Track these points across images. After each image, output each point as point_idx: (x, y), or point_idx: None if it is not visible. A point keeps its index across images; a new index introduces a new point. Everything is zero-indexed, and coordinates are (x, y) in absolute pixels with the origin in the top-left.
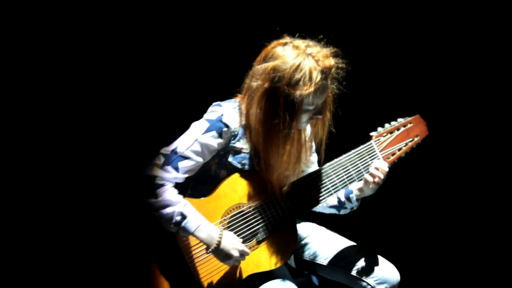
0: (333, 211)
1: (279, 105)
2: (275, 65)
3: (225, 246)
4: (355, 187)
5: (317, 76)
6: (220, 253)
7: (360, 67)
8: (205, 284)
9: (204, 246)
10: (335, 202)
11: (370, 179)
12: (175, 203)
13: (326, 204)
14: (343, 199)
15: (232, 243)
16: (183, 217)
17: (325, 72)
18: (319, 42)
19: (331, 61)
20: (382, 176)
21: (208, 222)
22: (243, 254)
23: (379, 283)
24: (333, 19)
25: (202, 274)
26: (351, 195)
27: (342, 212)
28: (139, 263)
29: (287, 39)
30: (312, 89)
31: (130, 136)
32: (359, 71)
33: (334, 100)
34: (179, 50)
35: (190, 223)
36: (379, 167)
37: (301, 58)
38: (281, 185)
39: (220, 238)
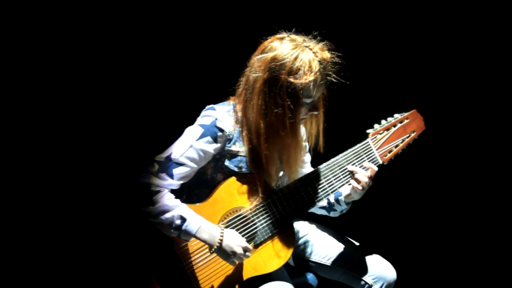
0: (324, 212)
1: (280, 95)
2: (275, 55)
3: (227, 244)
4: (345, 190)
5: (316, 66)
6: (223, 252)
7: (355, 63)
8: (207, 281)
9: (204, 250)
10: (325, 204)
11: (355, 184)
12: (173, 207)
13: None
14: (332, 200)
15: (235, 240)
16: (183, 220)
17: (322, 63)
18: (314, 38)
19: (327, 54)
20: (366, 181)
21: (208, 222)
22: (246, 251)
23: (376, 281)
24: (328, 16)
25: (201, 279)
26: (340, 198)
27: (332, 214)
28: (137, 270)
29: (283, 34)
30: (312, 78)
31: (125, 143)
32: (354, 67)
33: (327, 97)
34: (171, 54)
35: (191, 225)
36: (365, 172)
37: (299, 49)
38: (278, 186)
39: (222, 236)
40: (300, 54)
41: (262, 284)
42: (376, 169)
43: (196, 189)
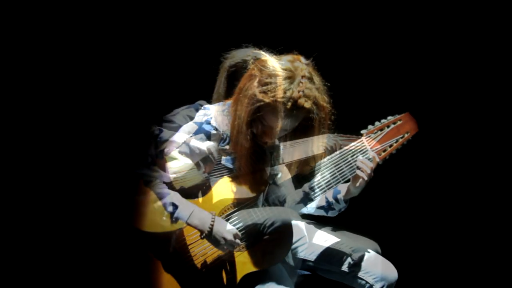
0: (321, 212)
1: (247, 91)
2: (268, 61)
3: (218, 230)
4: (343, 188)
5: (281, 97)
6: (213, 237)
7: (347, 67)
8: (202, 282)
9: (204, 244)
10: (323, 203)
11: (360, 173)
12: (165, 194)
13: (315, 205)
14: (331, 199)
15: (225, 226)
16: (175, 207)
17: (292, 102)
18: (323, 86)
19: (308, 105)
20: (370, 165)
21: (200, 209)
22: (236, 237)
23: (377, 281)
24: (319, 18)
25: (200, 272)
26: (338, 196)
27: (330, 214)
28: (140, 265)
29: (304, 59)
30: (267, 100)
31: (121, 138)
32: (346, 71)
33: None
34: (179, 52)
35: (183, 212)
36: (364, 160)
37: (287, 74)
38: (273, 183)
39: (213, 222)
40: (281, 77)
41: (260, 283)
42: (378, 159)
43: (192, 187)
